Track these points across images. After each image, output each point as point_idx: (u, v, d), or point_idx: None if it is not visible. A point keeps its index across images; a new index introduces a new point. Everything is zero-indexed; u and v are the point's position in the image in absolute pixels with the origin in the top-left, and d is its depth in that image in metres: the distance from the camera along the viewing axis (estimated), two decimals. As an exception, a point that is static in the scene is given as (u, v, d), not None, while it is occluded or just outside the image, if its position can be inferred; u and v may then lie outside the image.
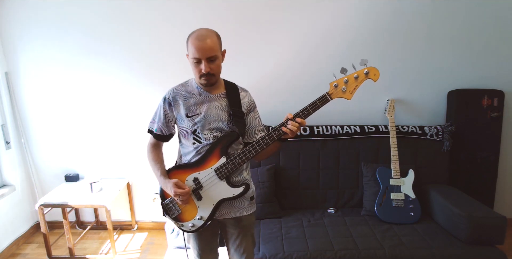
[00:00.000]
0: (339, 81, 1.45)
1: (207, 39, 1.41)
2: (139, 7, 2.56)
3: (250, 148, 1.48)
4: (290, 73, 2.68)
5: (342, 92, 1.46)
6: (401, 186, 2.41)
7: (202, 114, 1.52)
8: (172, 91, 1.58)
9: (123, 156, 2.87)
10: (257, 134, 1.61)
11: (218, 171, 1.51)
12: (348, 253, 2.00)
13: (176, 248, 2.29)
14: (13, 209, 2.78)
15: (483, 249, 2.02)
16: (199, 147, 1.54)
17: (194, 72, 1.47)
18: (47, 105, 2.78)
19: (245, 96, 1.59)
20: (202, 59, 1.41)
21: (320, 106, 1.45)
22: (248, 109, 1.58)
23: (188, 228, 1.59)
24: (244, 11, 2.56)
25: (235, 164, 1.49)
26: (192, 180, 1.54)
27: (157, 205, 2.93)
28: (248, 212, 1.64)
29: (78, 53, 2.66)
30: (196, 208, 1.56)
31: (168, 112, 1.57)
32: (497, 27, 2.55)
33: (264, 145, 1.47)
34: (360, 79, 1.44)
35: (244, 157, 1.49)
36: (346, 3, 2.53)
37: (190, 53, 1.43)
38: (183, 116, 1.54)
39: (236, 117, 1.53)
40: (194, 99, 1.54)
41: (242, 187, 1.53)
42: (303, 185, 2.57)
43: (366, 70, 1.43)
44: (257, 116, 1.63)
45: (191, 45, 1.42)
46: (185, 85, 1.59)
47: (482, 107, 2.60)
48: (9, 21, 2.61)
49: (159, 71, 2.69)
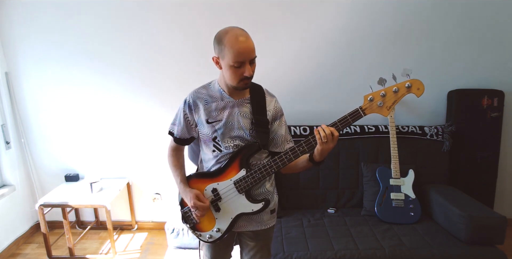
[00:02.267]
0: (375, 94, 1.25)
1: (248, 39, 1.29)
2: (139, 7, 2.56)
3: (272, 163, 1.39)
4: (292, 74, 2.68)
5: (377, 107, 1.25)
6: (401, 186, 2.41)
7: (223, 121, 1.42)
8: (193, 94, 1.47)
9: (123, 156, 2.87)
10: (285, 144, 1.50)
11: (237, 184, 1.44)
12: (348, 253, 2.00)
13: (176, 248, 2.30)
14: (13, 209, 2.78)
15: (483, 249, 2.02)
16: (219, 156, 1.46)
17: (232, 77, 1.33)
18: (47, 105, 2.78)
19: (271, 102, 1.48)
20: (246, 61, 1.29)
21: (351, 122, 1.30)
22: (273, 117, 1.47)
23: (205, 239, 1.54)
24: (245, 11, 2.55)
25: (255, 178, 1.41)
26: (211, 190, 1.48)
27: (157, 205, 2.96)
28: (267, 226, 1.57)
29: (78, 53, 2.66)
30: (214, 220, 1.51)
31: (189, 115, 1.48)
32: (497, 27, 2.55)
33: (286, 161, 1.37)
34: (401, 94, 1.23)
35: (265, 172, 1.40)
36: (347, 3, 2.53)
37: (230, 56, 1.27)
38: (203, 122, 1.44)
39: (258, 127, 1.42)
40: (215, 104, 1.43)
41: (261, 203, 1.44)
42: (303, 185, 2.57)
43: (409, 83, 1.22)
44: (284, 124, 1.52)
45: (231, 48, 1.26)
46: (207, 87, 1.47)
47: (482, 107, 2.59)
48: (9, 21, 2.61)
49: (160, 71, 2.69)
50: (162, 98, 2.74)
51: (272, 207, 1.54)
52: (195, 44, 2.62)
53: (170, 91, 2.71)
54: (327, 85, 2.71)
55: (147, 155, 2.86)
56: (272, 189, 1.56)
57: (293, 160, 1.37)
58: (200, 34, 2.59)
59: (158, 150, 2.82)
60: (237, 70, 1.30)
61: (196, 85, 1.53)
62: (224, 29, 1.32)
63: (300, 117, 2.73)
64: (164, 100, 2.74)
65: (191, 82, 2.66)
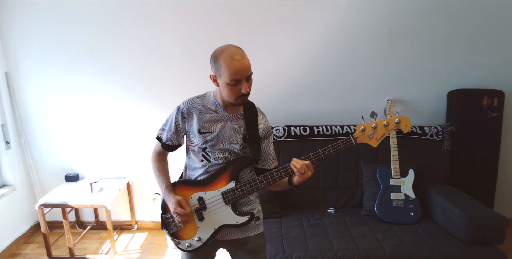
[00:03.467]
0: (367, 125, 1.37)
1: (244, 57, 1.32)
2: (139, 6, 2.56)
3: (262, 178, 1.42)
4: (290, 73, 2.68)
5: (368, 137, 1.37)
6: (401, 186, 2.41)
7: (215, 133, 1.44)
8: (188, 102, 1.48)
9: (123, 156, 2.87)
10: (272, 162, 1.54)
11: (225, 195, 1.45)
12: (348, 253, 2.00)
13: (176, 248, 2.29)
14: (13, 209, 2.78)
15: (483, 249, 2.02)
16: (207, 165, 1.47)
17: (229, 94, 1.35)
18: (47, 105, 2.78)
19: (262, 120, 1.51)
20: (242, 79, 1.32)
21: (342, 149, 1.39)
22: (264, 135, 1.50)
23: (184, 247, 1.52)
24: (244, 11, 2.56)
25: (243, 192, 1.43)
26: (197, 199, 1.48)
27: (157, 205, 2.96)
28: (256, 233, 1.55)
29: (78, 53, 2.66)
30: (196, 229, 1.50)
31: (180, 123, 1.48)
32: (497, 27, 2.55)
33: (277, 178, 1.41)
34: (390, 128, 1.36)
35: (254, 187, 1.43)
36: (347, 4, 2.53)
37: (227, 74, 1.30)
38: (195, 131, 1.45)
39: (251, 142, 1.45)
40: (209, 115, 1.45)
41: (247, 216, 1.46)
42: (303, 185, 2.51)
43: (398, 120, 1.36)
44: (271, 142, 1.55)
45: (227, 67, 1.29)
46: (202, 98, 1.49)
47: (482, 107, 2.60)
48: (9, 21, 2.61)
49: (161, 72, 2.69)
50: (161, 98, 2.74)
51: (256, 215, 1.55)
52: (192, 47, 2.62)
53: (168, 91, 2.71)
54: (327, 85, 2.71)
55: (147, 155, 2.82)
56: (254, 199, 1.57)
57: (284, 177, 1.42)
58: (198, 37, 2.60)
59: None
60: (234, 87, 1.34)
61: (193, 86, 1.53)
62: (220, 48, 1.36)
63: (299, 117, 2.73)
64: (163, 100, 2.74)
65: (189, 84, 2.69)
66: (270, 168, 1.53)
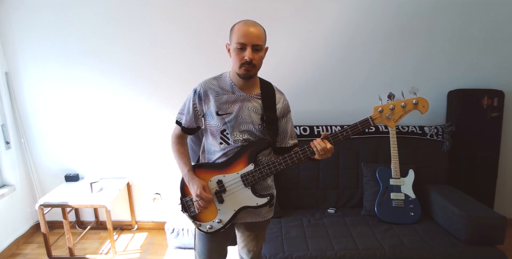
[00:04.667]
0: (384, 107, 1.39)
1: (256, 26, 1.36)
2: (139, 4, 2.55)
3: (281, 160, 1.44)
4: (290, 73, 2.68)
5: (386, 118, 1.39)
6: (401, 186, 2.41)
7: (233, 114, 1.44)
8: (204, 84, 1.48)
9: (123, 156, 2.87)
10: (289, 140, 1.55)
11: (244, 178, 1.47)
12: (348, 253, 2.00)
13: (176, 248, 2.29)
14: (13, 209, 2.78)
15: (483, 249, 2.02)
16: (226, 149, 1.48)
17: (235, 60, 1.37)
18: (47, 105, 2.78)
19: (280, 99, 1.52)
20: (247, 44, 1.33)
21: (360, 130, 1.40)
22: (282, 114, 1.51)
23: (205, 229, 1.55)
24: (246, 10, 2.55)
25: (263, 174, 1.45)
26: (216, 182, 1.50)
27: (157, 205, 2.96)
28: (265, 219, 1.61)
29: (78, 53, 2.66)
30: (217, 211, 1.52)
31: (198, 106, 1.48)
32: (497, 27, 2.55)
33: (296, 160, 1.43)
34: (408, 109, 1.38)
35: (273, 168, 1.44)
36: (347, 3, 2.53)
37: (235, 37, 1.34)
38: (213, 113, 1.46)
39: (268, 124, 1.46)
40: (226, 96, 1.45)
41: (266, 198, 1.48)
42: (303, 185, 2.57)
43: (415, 101, 1.38)
44: (290, 121, 1.56)
45: (237, 30, 1.34)
46: (218, 79, 1.49)
47: (482, 107, 2.60)
48: (9, 21, 2.61)
49: (161, 70, 2.69)
50: (162, 97, 2.74)
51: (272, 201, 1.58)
52: (196, 43, 2.62)
53: (170, 90, 2.71)
54: (327, 85, 2.71)
55: (147, 155, 2.86)
56: (272, 184, 1.61)
57: (302, 160, 1.43)
58: (201, 32, 2.59)
59: (158, 150, 2.82)
60: (239, 53, 1.35)
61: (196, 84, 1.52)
62: None
63: (299, 117, 2.72)
64: (165, 99, 2.73)
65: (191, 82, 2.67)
66: (287, 147, 1.54)
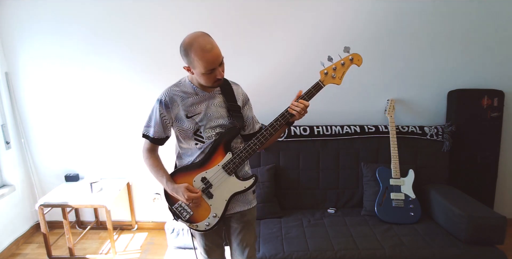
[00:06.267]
0: (328, 69, 1.57)
1: (213, 46, 1.37)
2: (140, 3, 2.55)
3: (255, 140, 1.51)
4: (291, 71, 2.68)
5: (332, 78, 1.58)
6: (401, 186, 2.41)
7: (202, 113, 1.52)
8: (167, 92, 1.54)
9: (123, 156, 2.87)
10: (255, 125, 1.66)
11: (226, 167, 1.53)
12: (348, 253, 2.00)
13: (176, 248, 2.29)
14: (13, 209, 2.78)
15: (483, 249, 2.02)
16: (203, 147, 1.54)
17: (206, 81, 1.44)
18: (47, 105, 2.78)
19: (237, 90, 1.61)
20: (216, 68, 1.40)
21: (315, 93, 1.55)
22: (243, 102, 1.61)
23: (203, 228, 1.57)
24: (246, 7, 2.55)
25: (242, 158, 1.52)
26: (200, 179, 1.54)
27: (157, 205, 2.96)
28: (252, 206, 1.67)
29: (78, 53, 2.66)
30: (209, 207, 1.56)
31: (166, 114, 1.53)
32: (497, 27, 2.55)
33: (268, 136, 1.51)
34: (346, 65, 1.57)
35: (250, 150, 1.52)
36: (347, 3, 2.53)
37: (202, 67, 1.37)
38: (182, 117, 1.52)
39: (234, 112, 1.55)
40: (192, 98, 1.52)
41: (252, 178, 1.57)
42: (303, 185, 2.57)
43: (351, 57, 1.58)
44: (251, 107, 1.66)
45: (199, 60, 1.35)
46: (178, 85, 1.56)
47: (482, 107, 2.60)
48: (9, 21, 2.61)
49: (161, 70, 2.68)
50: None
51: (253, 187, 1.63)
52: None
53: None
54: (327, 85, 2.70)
55: (147, 155, 2.85)
56: (250, 171, 1.69)
57: (273, 134, 1.52)
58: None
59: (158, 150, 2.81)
60: (210, 75, 1.41)
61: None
62: (187, 40, 1.39)
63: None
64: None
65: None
66: (256, 131, 1.64)
